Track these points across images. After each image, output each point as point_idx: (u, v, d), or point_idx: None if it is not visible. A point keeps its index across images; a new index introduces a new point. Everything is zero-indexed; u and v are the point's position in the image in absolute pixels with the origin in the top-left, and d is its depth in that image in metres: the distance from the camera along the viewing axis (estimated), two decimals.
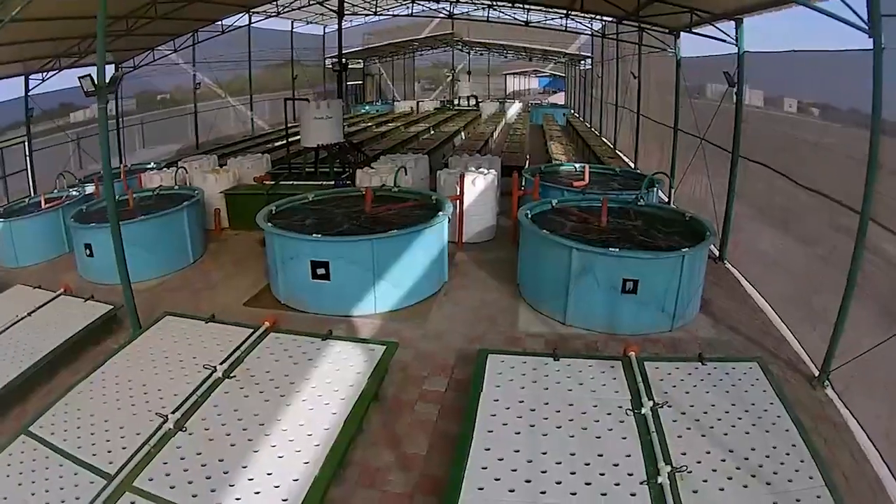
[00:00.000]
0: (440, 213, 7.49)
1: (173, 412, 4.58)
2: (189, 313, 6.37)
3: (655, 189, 9.43)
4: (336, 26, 32.99)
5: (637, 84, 16.17)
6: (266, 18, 20.01)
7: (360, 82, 40.88)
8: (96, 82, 5.79)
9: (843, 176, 6.15)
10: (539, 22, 15.48)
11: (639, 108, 16.23)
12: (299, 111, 11.19)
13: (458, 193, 9.14)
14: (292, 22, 28.81)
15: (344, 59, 13.31)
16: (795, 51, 7.34)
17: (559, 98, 46.44)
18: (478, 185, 9.45)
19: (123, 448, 4.26)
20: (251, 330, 5.91)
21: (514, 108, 35.91)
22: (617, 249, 6.18)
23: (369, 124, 25.74)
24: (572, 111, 34.88)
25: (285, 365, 5.36)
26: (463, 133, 23.53)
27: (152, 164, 15.32)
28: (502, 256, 8.98)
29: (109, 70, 17.19)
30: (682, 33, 12.22)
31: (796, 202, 7.24)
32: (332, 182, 10.18)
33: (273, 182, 11.27)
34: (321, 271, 7.03)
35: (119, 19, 12.66)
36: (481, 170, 10.15)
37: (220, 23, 17.43)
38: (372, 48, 34.22)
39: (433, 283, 7.67)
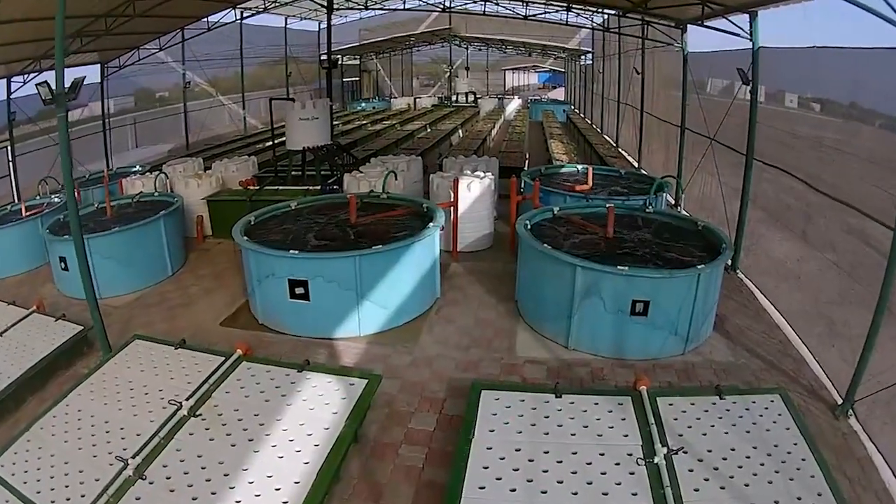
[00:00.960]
0: (431, 223, 6.87)
1: (134, 456, 4.21)
2: (159, 337, 5.91)
3: (663, 193, 8.82)
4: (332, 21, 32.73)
5: (640, 80, 15.51)
6: (253, 14, 19.30)
7: (356, 79, 40.22)
8: (54, 90, 5.22)
9: (850, 174, 5.95)
10: (538, 15, 14.80)
11: (642, 106, 15.59)
12: (284, 112, 10.56)
13: (452, 199, 8.53)
14: (286, 18, 28.19)
15: (335, 56, 12.64)
16: (820, 47, 6.72)
17: (559, 94, 45.69)
18: (473, 190, 8.83)
19: (82, 496, 3.95)
20: (222, 358, 5.41)
21: (513, 105, 35.22)
22: (626, 268, 5.57)
23: (364, 122, 25.09)
24: (573, 107, 34.18)
25: (256, 401, 4.87)
26: (460, 131, 22.89)
27: (137, 167, 14.72)
28: (499, 267, 8.38)
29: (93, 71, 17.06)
30: (689, 27, 11.60)
31: (803, 201, 7.00)
32: (319, 187, 9.57)
33: (257, 187, 10.66)
34: (300, 291, 6.45)
35: (98, 18, 12.08)
36: (477, 173, 9.54)
37: (206, 20, 16.74)
38: (368, 44, 33.53)
39: (424, 301, 7.08)
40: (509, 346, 6.33)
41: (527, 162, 14.67)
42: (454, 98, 36.35)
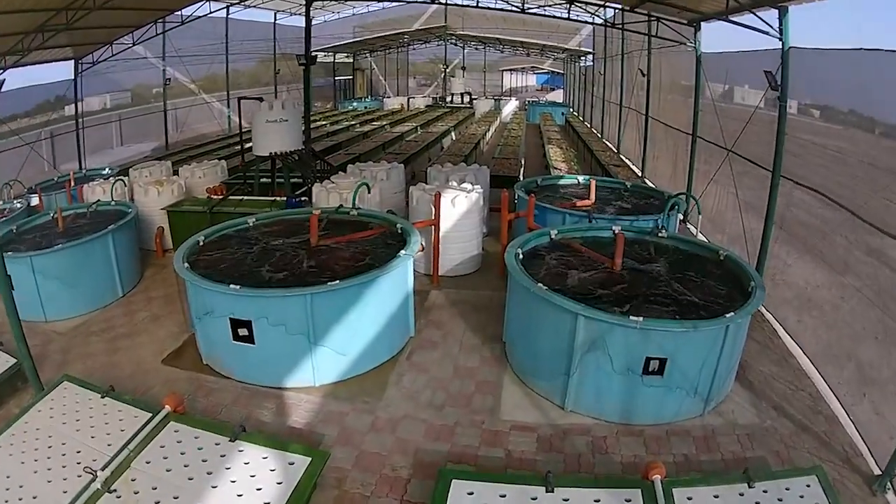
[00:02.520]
0: (402, 252, 5.72)
1: None
2: (88, 382, 5.10)
3: (676, 212, 7.71)
4: (324, 18, 31.55)
5: (646, 83, 14.40)
6: (235, 3, 18.16)
7: (349, 77, 39.03)
8: None
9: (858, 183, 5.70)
10: (536, 10, 13.67)
11: (648, 110, 14.48)
12: (251, 113, 9.42)
13: (434, 216, 7.39)
14: (275, 13, 27.05)
15: (314, 52, 11.50)
16: (869, 49, 5.61)
17: (557, 95, 44.61)
18: (458, 205, 7.70)
19: None
20: (149, 415, 4.65)
21: (510, 106, 34.06)
22: (640, 319, 4.43)
23: (353, 122, 23.89)
24: (571, 110, 33.07)
25: (178, 478, 4.04)
26: (453, 133, 21.73)
27: (107, 169, 13.58)
28: (486, 297, 7.24)
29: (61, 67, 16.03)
30: (703, 25, 10.50)
31: (817, 217, 6.68)
32: (286, 199, 8.42)
33: (221, 196, 9.51)
34: (243, 332, 5.33)
35: (58, 12, 10.98)
36: (464, 185, 8.40)
37: (181, 13, 15.63)
38: (360, 41, 32.34)
39: (393, 343, 5.95)
40: (493, 405, 5.19)
41: (522, 170, 13.52)
42: (449, 99, 35.13)
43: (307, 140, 11.13)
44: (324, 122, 23.93)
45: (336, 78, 36.19)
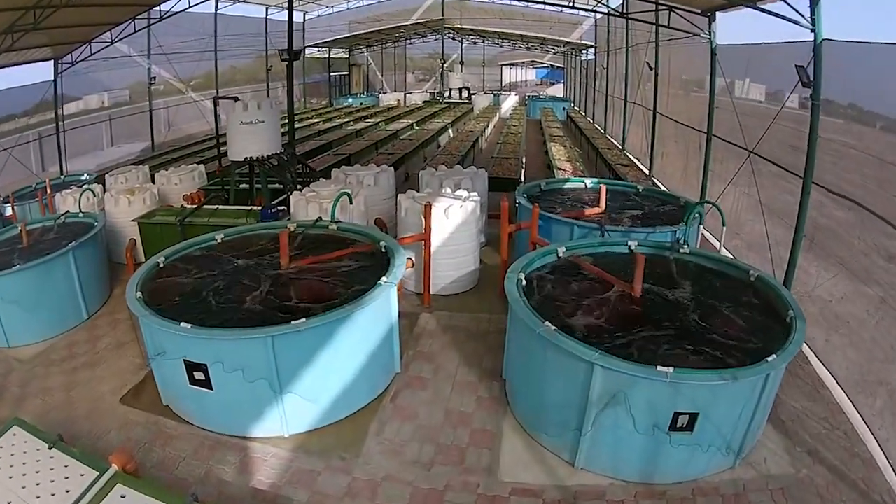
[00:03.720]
0: (383, 280, 4.90)
1: None
2: (38, 429, 4.38)
3: (696, 221, 6.89)
4: (317, 12, 30.65)
5: (654, 76, 13.54)
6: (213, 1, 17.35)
7: (345, 73, 38.13)
8: None
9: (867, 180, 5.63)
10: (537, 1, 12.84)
11: (655, 106, 13.63)
12: (225, 114, 8.60)
13: (425, 230, 6.58)
14: (266, 8, 26.18)
15: (297, 48, 10.67)
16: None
17: (557, 90, 43.67)
18: (453, 217, 6.89)
19: None
20: (95, 474, 3.93)
21: (509, 101, 33.16)
22: (670, 371, 3.62)
23: (346, 120, 23.00)
24: (572, 104, 32.14)
25: None
26: (451, 130, 20.87)
27: (85, 175, 12.80)
28: (484, 321, 6.45)
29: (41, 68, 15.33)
30: (717, 14, 9.67)
31: (831, 218, 6.42)
32: (261, 210, 7.60)
33: (195, 206, 8.71)
34: (199, 376, 4.54)
35: (26, 11, 10.23)
36: (460, 192, 7.59)
37: (159, 8, 14.84)
38: (355, 36, 31.44)
39: (375, 383, 5.16)
40: (491, 461, 4.40)
41: (523, 170, 12.68)
42: (447, 94, 34.21)
43: (291, 141, 10.31)
44: (316, 120, 23.08)
45: (331, 74, 35.33)
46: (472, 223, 7.06)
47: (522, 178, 11.11)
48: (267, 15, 26.58)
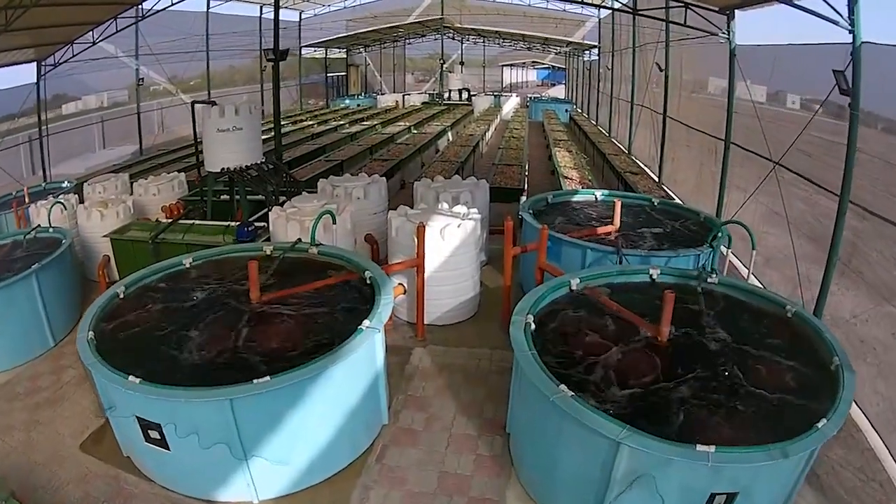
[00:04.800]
0: (365, 324, 4.15)
1: None
2: None
3: (719, 244, 6.14)
4: (314, 11, 29.93)
5: (664, 78, 12.80)
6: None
7: (343, 73, 37.39)
8: None
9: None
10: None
11: (665, 109, 12.89)
12: (200, 120, 7.85)
13: (417, 255, 5.84)
14: (261, 7, 25.50)
15: (284, 47, 9.92)
16: None
17: (559, 91, 42.94)
18: (450, 238, 6.15)
19: None
20: None
21: (510, 103, 32.39)
22: (711, 450, 2.89)
23: (342, 122, 22.23)
24: (575, 106, 31.38)
25: None
26: (450, 134, 20.11)
27: (66, 182, 12.10)
28: (484, 359, 5.70)
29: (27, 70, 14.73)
30: (736, 13, 8.94)
31: (846, 228, 5.97)
32: (237, 228, 6.85)
33: (170, 220, 8.00)
34: (154, 435, 3.83)
35: None
36: (458, 208, 6.86)
37: (140, 7, 14.18)
38: (351, 35, 30.73)
39: (358, 439, 4.43)
40: None
41: (526, 178, 11.93)
42: (446, 95, 33.42)
43: (277, 148, 9.57)
44: (311, 122, 22.31)
45: (328, 74, 34.60)
46: (471, 245, 6.33)
47: (526, 188, 10.37)
48: (261, 14, 25.92)
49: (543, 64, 45.78)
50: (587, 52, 28.58)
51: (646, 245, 6.42)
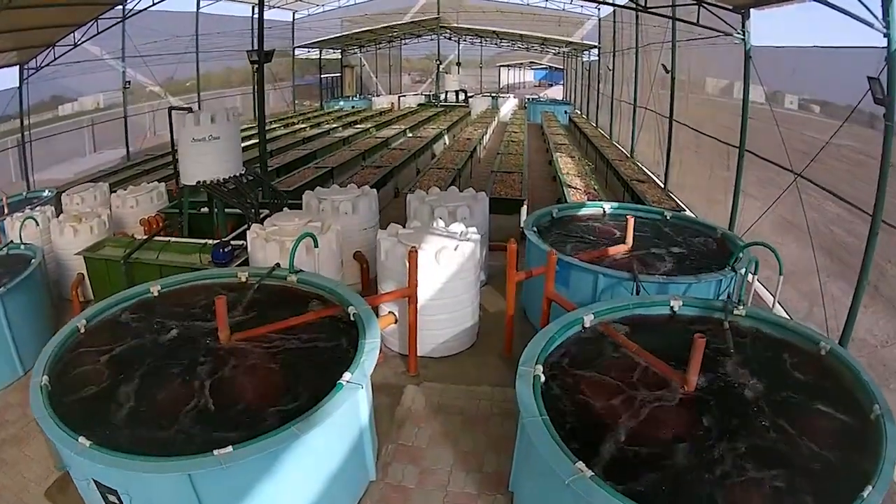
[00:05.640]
0: (346, 378, 3.54)
1: None
2: None
3: (741, 268, 5.56)
4: (307, 11, 29.29)
5: (670, 80, 12.24)
6: None
7: (337, 74, 36.72)
8: None
9: None
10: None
11: (672, 113, 12.33)
12: (175, 129, 7.24)
13: (409, 283, 5.25)
14: (253, 7, 24.87)
15: (269, 48, 9.32)
16: None
17: (556, 92, 42.35)
18: (445, 263, 5.57)
19: None
20: None
21: (508, 104, 31.81)
22: None
23: (335, 125, 21.61)
24: (574, 108, 30.82)
25: None
26: (446, 137, 19.52)
27: (47, 192, 11.54)
28: (485, 399, 5.10)
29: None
30: (752, 11, 8.38)
31: (857, 236, 5.89)
32: (213, 249, 6.25)
33: (144, 237, 7.42)
34: (113, 499, 3.27)
35: None
36: (455, 226, 6.28)
37: (122, 7, 13.60)
38: (346, 36, 30.11)
39: (340, 501, 3.83)
40: None
41: (527, 186, 11.33)
42: (443, 97, 32.78)
43: (262, 156, 8.97)
44: (303, 126, 21.68)
45: (323, 75, 33.93)
46: (470, 269, 5.74)
47: (526, 198, 9.79)
48: (253, 14, 25.32)
49: (540, 64, 45.22)
50: (586, 52, 28.03)
51: (662, 268, 5.85)
